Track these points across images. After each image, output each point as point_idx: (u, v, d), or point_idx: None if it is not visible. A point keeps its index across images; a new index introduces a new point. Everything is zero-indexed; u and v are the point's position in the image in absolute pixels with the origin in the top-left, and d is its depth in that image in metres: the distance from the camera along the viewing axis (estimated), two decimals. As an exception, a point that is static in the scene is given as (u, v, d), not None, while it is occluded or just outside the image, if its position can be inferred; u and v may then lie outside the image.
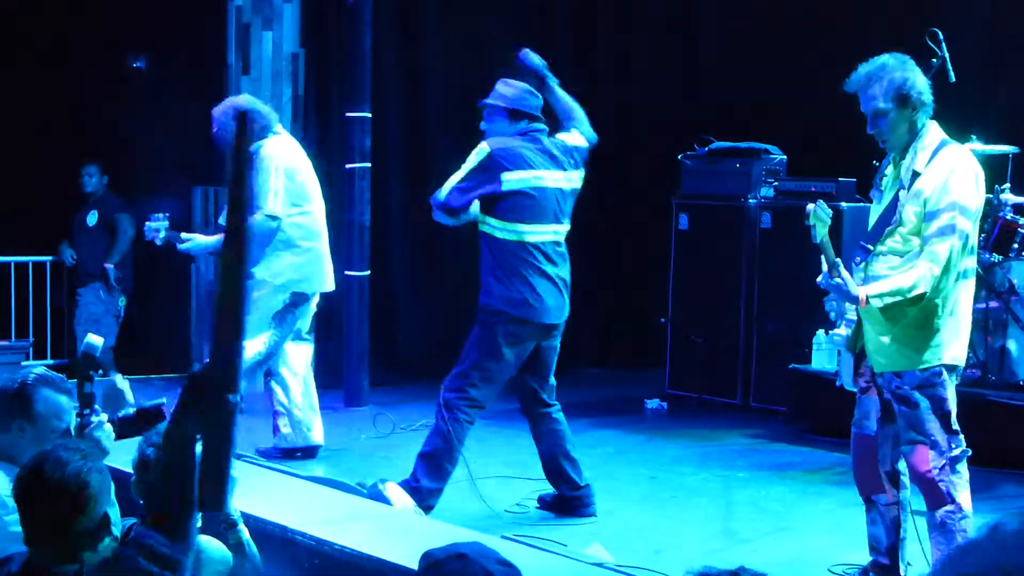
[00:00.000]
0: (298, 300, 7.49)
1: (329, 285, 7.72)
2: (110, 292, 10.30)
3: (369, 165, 9.40)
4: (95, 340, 4.78)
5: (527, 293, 6.42)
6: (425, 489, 6.37)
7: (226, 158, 7.42)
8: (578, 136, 6.69)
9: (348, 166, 9.40)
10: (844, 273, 4.99)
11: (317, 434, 7.69)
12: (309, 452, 7.66)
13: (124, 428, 4.58)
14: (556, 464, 6.59)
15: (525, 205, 6.44)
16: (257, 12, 9.93)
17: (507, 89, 6.61)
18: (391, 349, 10.09)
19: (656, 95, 11.09)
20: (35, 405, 4.38)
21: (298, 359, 7.68)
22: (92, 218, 10.52)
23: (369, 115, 9.35)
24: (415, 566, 4.89)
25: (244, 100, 7.67)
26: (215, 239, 7.44)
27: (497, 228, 6.45)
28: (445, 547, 2.95)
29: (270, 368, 7.60)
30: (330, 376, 9.95)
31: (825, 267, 5.02)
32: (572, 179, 6.62)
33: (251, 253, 7.08)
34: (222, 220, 7.47)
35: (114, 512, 3.49)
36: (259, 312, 7.27)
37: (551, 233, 6.52)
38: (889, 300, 4.95)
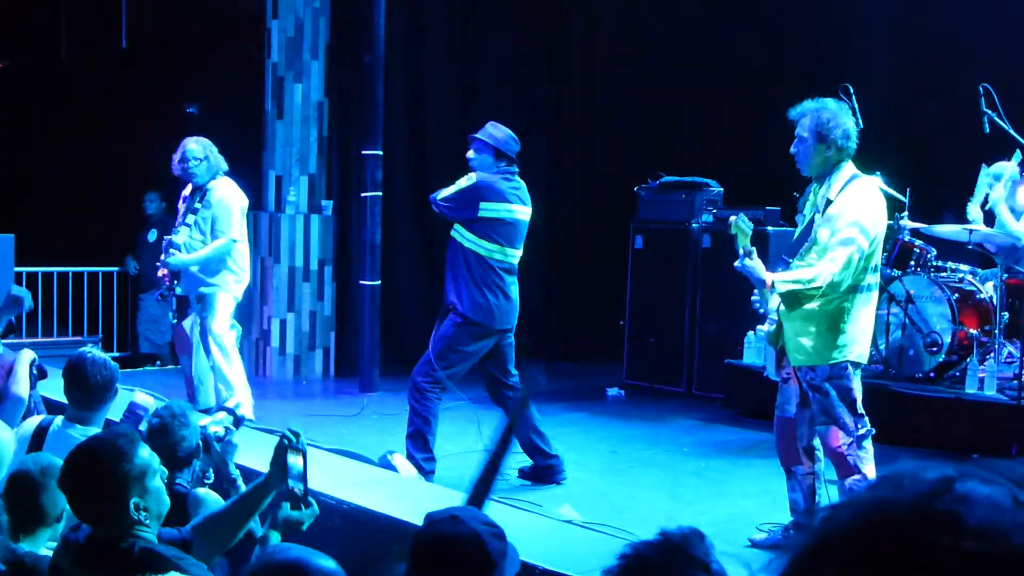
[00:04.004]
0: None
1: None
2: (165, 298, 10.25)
3: (380, 194, 9.38)
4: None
5: (487, 301, 6.43)
6: (420, 459, 6.36)
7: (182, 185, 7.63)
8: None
9: (363, 194, 9.39)
10: (756, 259, 4.94)
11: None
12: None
13: None
14: (528, 439, 6.56)
15: (497, 229, 6.46)
16: (289, 67, 9.92)
17: (496, 131, 6.61)
18: (397, 345, 10.05)
19: (617, 137, 11.12)
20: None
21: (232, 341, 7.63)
22: (152, 235, 10.52)
23: (381, 153, 9.34)
24: (419, 522, 4.88)
25: (199, 143, 7.51)
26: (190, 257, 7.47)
27: (469, 241, 6.46)
28: (442, 510, 2.87)
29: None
30: (347, 367, 9.96)
31: (741, 252, 4.96)
32: (528, 214, 6.65)
33: (211, 266, 7.44)
34: (167, 237, 7.65)
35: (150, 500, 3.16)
36: (223, 313, 7.47)
37: (511, 255, 6.55)
38: (791, 286, 4.89)
